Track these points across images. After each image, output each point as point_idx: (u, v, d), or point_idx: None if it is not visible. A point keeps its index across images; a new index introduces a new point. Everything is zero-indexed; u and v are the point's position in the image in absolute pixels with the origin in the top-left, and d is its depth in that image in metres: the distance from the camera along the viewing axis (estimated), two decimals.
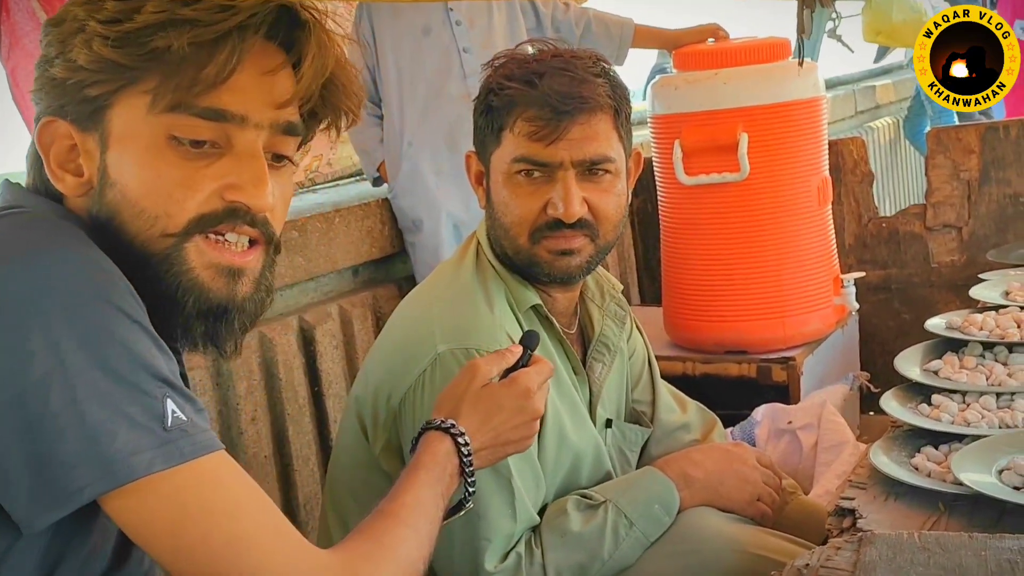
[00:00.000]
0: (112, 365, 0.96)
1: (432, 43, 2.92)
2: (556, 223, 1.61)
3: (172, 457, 0.97)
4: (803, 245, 2.74)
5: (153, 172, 1.06)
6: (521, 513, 1.54)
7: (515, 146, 1.62)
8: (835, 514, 1.42)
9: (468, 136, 2.83)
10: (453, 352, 1.55)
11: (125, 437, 0.95)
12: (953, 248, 3.16)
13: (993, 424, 1.55)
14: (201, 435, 1.01)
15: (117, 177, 1.06)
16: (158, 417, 0.97)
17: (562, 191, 1.60)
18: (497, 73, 1.66)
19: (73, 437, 0.94)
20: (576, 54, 1.67)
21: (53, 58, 1.07)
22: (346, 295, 2.88)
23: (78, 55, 1.04)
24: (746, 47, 2.76)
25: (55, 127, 1.08)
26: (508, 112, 1.62)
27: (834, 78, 6.47)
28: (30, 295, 0.95)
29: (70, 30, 1.05)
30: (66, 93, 1.07)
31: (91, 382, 0.94)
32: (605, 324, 1.80)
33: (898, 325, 3.22)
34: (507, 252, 1.66)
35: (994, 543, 1.16)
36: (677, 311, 2.87)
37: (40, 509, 0.95)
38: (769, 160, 2.66)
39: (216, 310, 1.10)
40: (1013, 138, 3.07)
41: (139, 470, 0.96)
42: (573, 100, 1.59)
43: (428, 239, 2.97)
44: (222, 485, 1.02)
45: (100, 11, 1.04)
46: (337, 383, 2.73)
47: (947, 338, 1.85)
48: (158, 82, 1.05)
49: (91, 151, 1.08)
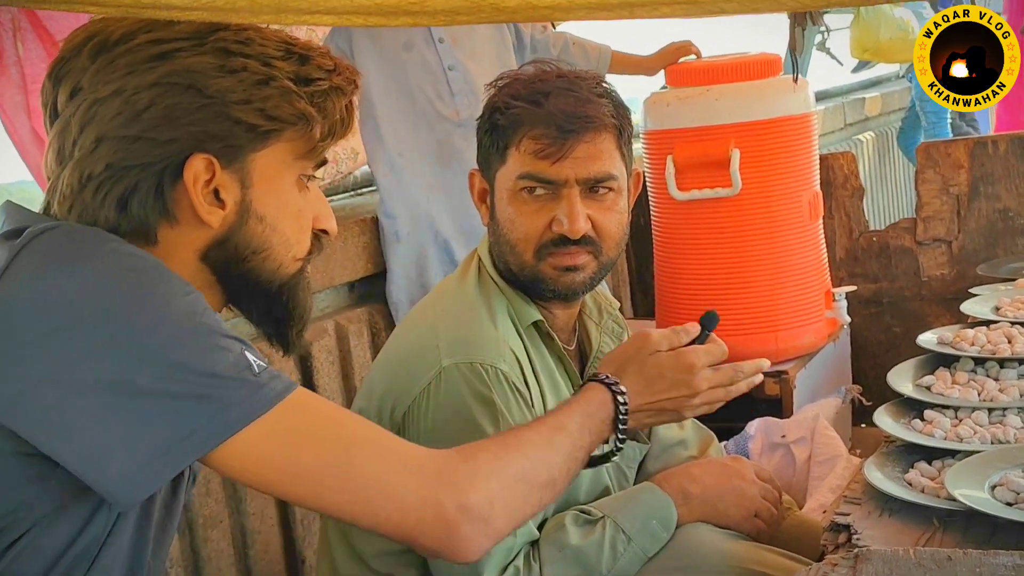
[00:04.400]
0: (198, 331, 1.07)
1: (414, 59, 2.90)
2: (561, 240, 1.64)
3: (268, 398, 1.09)
4: (795, 259, 2.77)
5: (292, 209, 1.24)
6: (520, 531, 1.55)
7: (521, 164, 1.65)
8: (830, 530, 1.43)
9: (456, 153, 2.87)
10: (458, 366, 1.57)
11: (224, 392, 1.06)
12: (943, 262, 3.18)
13: (985, 439, 1.56)
14: (281, 375, 1.12)
15: (265, 212, 1.21)
16: (246, 367, 1.08)
17: (567, 208, 1.63)
18: (502, 93, 1.68)
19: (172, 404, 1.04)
20: (580, 75, 1.70)
21: (234, 103, 1.16)
22: (342, 311, 2.88)
23: (276, 106, 1.17)
24: (738, 63, 2.78)
25: (197, 161, 1.16)
26: (514, 131, 1.65)
27: (823, 91, 6.50)
28: (121, 281, 1.07)
29: (253, 80, 1.17)
30: (228, 132, 1.16)
31: (176, 349, 1.05)
32: (603, 341, 1.82)
33: (889, 338, 3.25)
34: (511, 268, 1.69)
35: (988, 559, 1.18)
36: (670, 325, 2.88)
37: (143, 480, 1.05)
38: (761, 175, 2.69)
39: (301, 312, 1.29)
40: (1002, 153, 3.10)
41: (246, 416, 1.07)
42: (579, 119, 1.62)
43: (412, 253, 2.94)
44: (315, 410, 1.14)
45: (281, 69, 1.18)
46: (334, 398, 2.74)
47: (939, 353, 1.87)
48: (308, 134, 1.21)
49: (230, 186, 1.18)
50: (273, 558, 2.60)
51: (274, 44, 1.19)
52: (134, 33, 1.15)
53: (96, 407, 1.03)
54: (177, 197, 1.17)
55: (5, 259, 1.08)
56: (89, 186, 1.15)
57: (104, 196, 1.15)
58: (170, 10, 1.03)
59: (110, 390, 1.03)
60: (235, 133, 1.17)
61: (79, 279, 1.06)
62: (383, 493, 1.13)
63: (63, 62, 1.18)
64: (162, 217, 1.17)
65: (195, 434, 1.05)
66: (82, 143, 1.15)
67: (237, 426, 1.06)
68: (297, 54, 1.20)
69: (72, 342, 1.03)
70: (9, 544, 1.07)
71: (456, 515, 1.14)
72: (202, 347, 1.07)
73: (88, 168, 1.15)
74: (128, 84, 1.14)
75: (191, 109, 1.15)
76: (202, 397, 1.05)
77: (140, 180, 1.15)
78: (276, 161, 1.21)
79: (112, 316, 1.04)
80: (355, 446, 1.13)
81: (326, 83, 1.21)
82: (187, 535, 2.37)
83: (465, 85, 2.87)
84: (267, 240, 1.21)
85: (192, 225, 1.18)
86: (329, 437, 1.13)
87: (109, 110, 1.14)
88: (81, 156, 1.15)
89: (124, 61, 1.15)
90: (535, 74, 1.69)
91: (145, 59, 1.14)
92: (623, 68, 3.26)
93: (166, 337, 1.05)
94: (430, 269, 2.92)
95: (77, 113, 1.16)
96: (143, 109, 1.14)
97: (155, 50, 1.15)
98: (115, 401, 1.03)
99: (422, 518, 1.14)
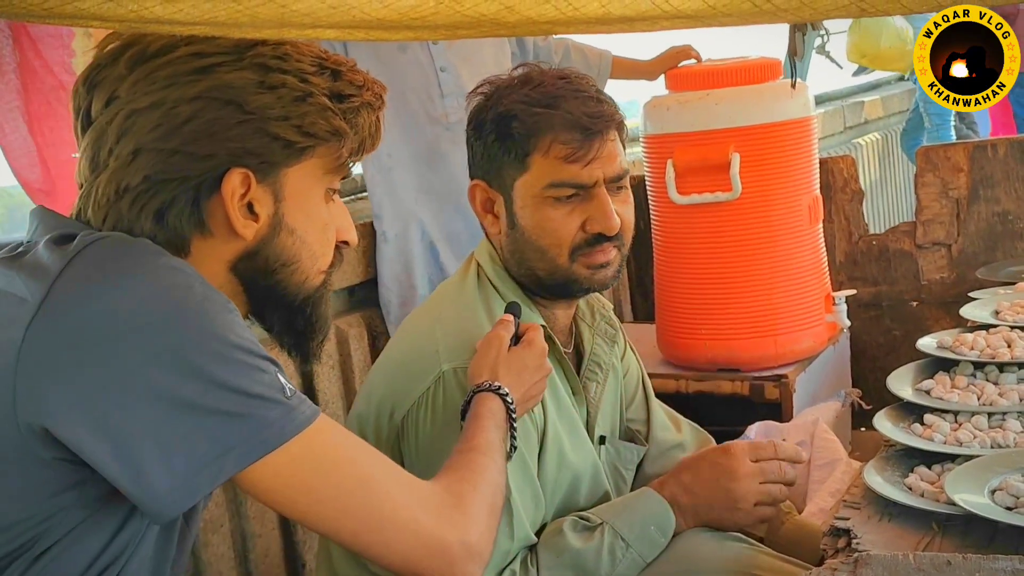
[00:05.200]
0: (240, 349, 1.09)
1: (409, 60, 2.89)
2: (596, 238, 1.67)
3: (299, 422, 1.11)
4: (795, 263, 2.77)
5: (320, 223, 1.26)
6: (518, 531, 1.56)
7: (550, 170, 1.65)
8: (830, 534, 1.43)
9: (444, 155, 2.87)
10: (456, 371, 1.58)
11: (261, 412, 1.08)
12: (943, 265, 3.18)
13: (985, 444, 1.57)
14: (308, 400, 1.14)
15: (295, 225, 1.23)
16: (280, 389, 1.10)
17: (602, 207, 1.66)
18: (509, 100, 1.68)
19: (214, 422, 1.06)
20: (575, 74, 1.72)
21: (273, 119, 1.17)
22: (342, 315, 2.89)
23: (313, 123, 1.20)
24: (738, 68, 2.78)
25: (235, 176, 1.17)
26: (535, 137, 1.65)
27: (823, 94, 6.50)
28: (170, 296, 1.08)
29: (291, 97, 1.19)
30: (266, 148, 1.18)
31: (220, 366, 1.06)
32: (595, 343, 1.83)
33: (888, 342, 3.25)
34: (538, 274, 1.69)
35: (988, 564, 1.18)
36: (670, 329, 2.89)
37: (182, 494, 1.06)
38: (761, 179, 2.69)
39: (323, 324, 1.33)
40: (1001, 156, 3.11)
41: (279, 438, 1.09)
42: (599, 119, 1.65)
43: (400, 254, 2.94)
44: (336, 439, 1.17)
45: (317, 85, 1.20)
46: (333, 403, 2.74)
47: (938, 357, 1.87)
48: (339, 150, 1.24)
49: (263, 199, 1.20)
50: (273, 562, 2.60)
51: (309, 59, 1.21)
52: (175, 45, 1.16)
53: (141, 419, 1.04)
54: (212, 210, 1.18)
55: (59, 265, 1.08)
56: (126, 197, 1.16)
57: (141, 208, 1.16)
58: (172, 24, 1.03)
59: (155, 402, 1.04)
60: (273, 149, 1.19)
61: (131, 292, 1.07)
62: (396, 526, 1.17)
63: (98, 68, 1.19)
64: (196, 229, 1.19)
65: (233, 451, 1.07)
66: (118, 153, 1.16)
67: (272, 445, 1.09)
68: (329, 69, 1.22)
69: (120, 355, 1.04)
70: (43, 552, 1.08)
71: (460, 551, 1.20)
72: (243, 366, 1.08)
73: (125, 179, 1.16)
74: (168, 96, 1.15)
75: (231, 124, 1.16)
76: (242, 416, 1.07)
77: (178, 193, 1.17)
78: (308, 175, 1.23)
79: (162, 330, 1.05)
80: (372, 478, 1.17)
81: (358, 99, 1.24)
82: None
83: (456, 88, 2.86)
84: (297, 253, 1.24)
85: (225, 237, 1.20)
86: (349, 466, 1.16)
87: (148, 121, 1.15)
88: (118, 166, 1.16)
89: (164, 73, 1.16)
90: (535, 78, 1.69)
91: (186, 72, 1.16)
92: (624, 73, 3.27)
93: (211, 353, 1.06)
94: (416, 271, 2.92)
95: (114, 122, 1.16)
96: (183, 122, 1.15)
97: (196, 64, 1.16)
98: (160, 414, 1.04)
99: (429, 553, 1.18)
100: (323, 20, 1.03)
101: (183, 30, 1.09)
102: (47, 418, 1.04)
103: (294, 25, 1.07)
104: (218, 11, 0.97)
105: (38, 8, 0.92)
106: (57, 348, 1.04)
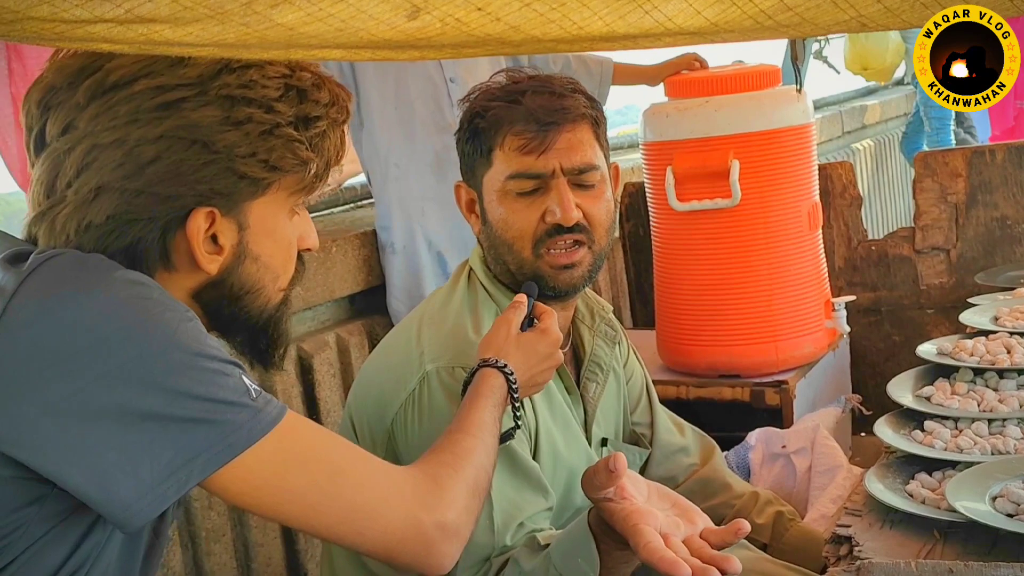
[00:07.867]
0: (201, 356, 1.09)
1: (416, 70, 2.91)
2: (555, 229, 1.66)
3: (266, 423, 1.11)
4: (794, 269, 2.77)
5: (285, 243, 1.26)
6: (499, 532, 1.54)
7: (507, 163, 1.67)
8: (832, 542, 1.44)
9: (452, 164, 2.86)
10: (438, 371, 1.59)
11: (227, 416, 1.08)
12: (942, 271, 3.19)
13: (985, 450, 1.57)
14: (273, 399, 1.14)
15: (260, 252, 1.23)
16: (245, 391, 1.11)
17: (558, 197, 1.66)
18: (478, 100, 1.72)
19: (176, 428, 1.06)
20: (552, 75, 1.75)
21: (239, 157, 1.17)
22: (343, 323, 2.89)
23: (280, 157, 1.19)
24: (737, 75, 2.79)
25: (200, 215, 1.17)
26: (496, 132, 1.68)
27: (820, 99, 6.52)
28: (128, 309, 1.07)
29: (258, 132, 1.17)
30: (233, 187, 1.18)
31: (182, 376, 1.07)
32: (596, 344, 1.83)
33: (888, 347, 3.25)
34: (510, 269, 1.71)
35: (989, 571, 1.19)
36: (670, 335, 2.90)
37: (149, 502, 1.05)
38: (760, 186, 2.69)
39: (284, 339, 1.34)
40: (999, 162, 3.11)
41: (246, 440, 1.09)
42: (556, 112, 1.66)
43: (408, 264, 2.95)
44: (305, 434, 1.17)
45: (282, 114, 1.19)
46: (335, 411, 2.75)
47: (938, 364, 1.88)
48: (305, 175, 1.23)
49: (227, 231, 1.20)
50: (276, 571, 2.60)
51: (275, 83, 1.19)
52: (135, 78, 1.14)
53: (104, 433, 1.04)
54: (176, 245, 1.18)
55: (14, 284, 1.08)
56: (90, 234, 1.16)
57: (105, 248, 1.16)
58: (182, 47, 1.04)
59: (118, 416, 1.04)
60: (239, 188, 1.19)
61: (89, 306, 1.06)
62: (368, 515, 1.18)
63: (53, 91, 1.17)
64: (161, 264, 1.18)
65: (199, 457, 1.07)
66: (78, 188, 1.15)
67: (239, 449, 1.09)
68: (295, 88, 1.20)
69: (80, 370, 1.04)
70: (4, 566, 1.08)
71: (435, 533, 1.21)
72: (206, 372, 1.08)
73: (88, 217, 1.15)
74: (131, 134, 1.13)
75: (197, 166, 1.15)
76: (206, 422, 1.07)
77: (144, 234, 1.16)
78: (272, 203, 1.23)
79: (120, 344, 1.05)
80: (343, 470, 1.18)
81: (324, 123, 1.23)
82: (190, 548, 2.38)
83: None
84: (260, 279, 1.25)
85: (188, 270, 1.20)
86: (319, 461, 1.16)
87: (110, 159, 1.14)
88: (79, 202, 1.15)
89: (126, 108, 1.14)
90: (508, 79, 1.73)
91: (149, 109, 1.14)
92: (626, 78, 3.27)
93: (172, 363, 1.06)
94: (424, 280, 2.93)
95: (73, 153, 1.15)
96: (148, 162, 1.14)
97: (159, 99, 1.14)
98: (123, 426, 1.04)
99: (404, 537, 1.19)
100: (330, 41, 1.04)
101: (193, 52, 1.09)
102: (6, 437, 1.03)
103: (301, 46, 1.08)
104: (227, 34, 0.98)
105: (49, 32, 0.93)
106: (15, 366, 1.04)
